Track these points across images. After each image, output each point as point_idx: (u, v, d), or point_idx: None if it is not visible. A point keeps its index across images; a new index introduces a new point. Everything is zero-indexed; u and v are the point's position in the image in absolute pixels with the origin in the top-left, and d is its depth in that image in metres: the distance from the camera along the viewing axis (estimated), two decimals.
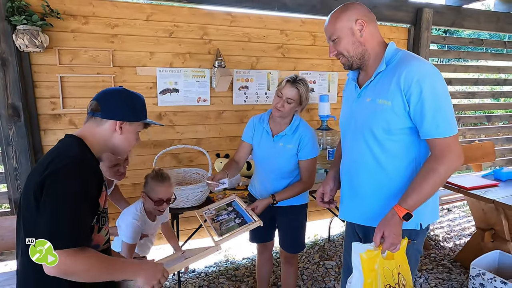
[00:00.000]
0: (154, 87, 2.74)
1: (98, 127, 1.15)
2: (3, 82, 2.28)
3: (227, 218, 1.82)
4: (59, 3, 2.39)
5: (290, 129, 1.91)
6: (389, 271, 1.24)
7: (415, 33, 3.58)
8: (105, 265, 1.03)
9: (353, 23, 1.30)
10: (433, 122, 1.20)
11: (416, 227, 1.35)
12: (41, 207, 0.97)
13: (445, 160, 1.20)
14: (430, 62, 1.30)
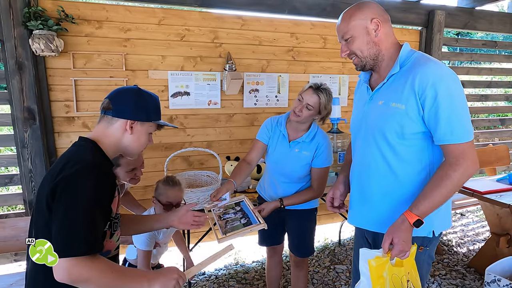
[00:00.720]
0: (165, 90, 2.76)
1: (109, 127, 1.14)
2: (19, 86, 2.33)
3: (234, 217, 1.82)
4: (73, 8, 2.44)
5: (308, 136, 1.90)
6: (398, 278, 1.21)
7: (427, 35, 3.55)
8: (117, 274, 1.01)
9: (368, 22, 1.26)
10: (448, 127, 1.17)
11: (429, 235, 1.31)
12: (53, 212, 0.97)
13: (460, 166, 1.16)
14: (445, 65, 1.26)
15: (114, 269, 1.01)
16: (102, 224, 1.03)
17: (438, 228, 1.33)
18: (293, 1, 2.96)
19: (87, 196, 0.97)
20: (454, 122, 1.17)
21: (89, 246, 0.95)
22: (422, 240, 1.31)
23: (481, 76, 4.36)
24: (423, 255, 1.34)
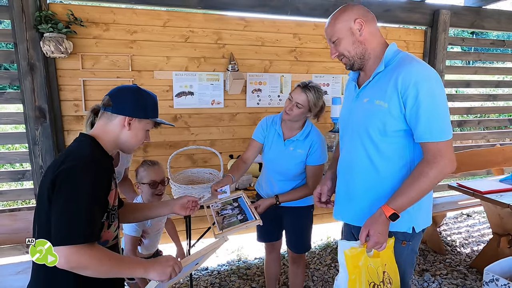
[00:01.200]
0: (170, 90, 2.85)
1: (109, 123, 1.20)
2: (31, 86, 2.45)
3: (231, 213, 1.88)
4: (82, 12, 2.55)
5: (302, 135, 1.95)
6: (373, 269, 1.26)
7: (431, 35, 3.53)
8: (114, 261, 1.07)
9: (352, 22, 1.31)
10: (427, 126, 1.21)
11: (409, 231, 1.35)
12: (53, 203, 1.03)
13: (436, 164, 1.20)
14: (429, 65, 1.29)
15: (111, 257, 1.07)
16: (99, 215, 1.10)
17: (418, 224, 1.37)
18: (296, 2, 3.01)
19: (84, 188, 1.03)
20: (433, 122, 1.20)
21: (87, 235, 1.01)
22: (403, 235, 1.35)
23: (490, 76, 4.29)
24: (405, 250, 1.38)
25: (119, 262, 1.10)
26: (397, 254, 1.35)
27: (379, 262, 1.27)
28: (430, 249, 3.26)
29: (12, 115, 2.61)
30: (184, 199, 1.54)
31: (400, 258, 1.36)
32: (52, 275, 1.09)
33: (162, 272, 1.14)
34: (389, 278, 1.29)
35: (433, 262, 3.05)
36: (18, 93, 2.52)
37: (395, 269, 1.31)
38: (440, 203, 3.29)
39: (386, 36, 3.43)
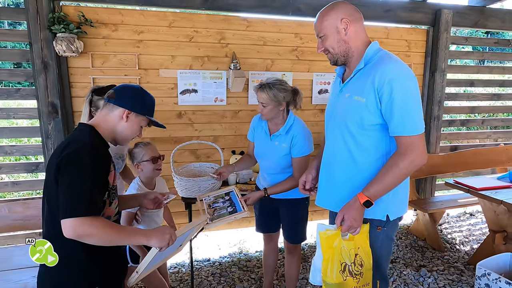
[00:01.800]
0: (175, 87, 2.98)
1: (109, 114, 1.34)
2: (45, 83, 2.61)
3: (221, 206, 2.01)
4: (92, 13, 2.70)
5: (284, 129, 2.04)
6: (346, 251, 1.36)
7: (433, 34, 3.57)
8: (116, 230, 1.21)
9: (338, 21, 1.38)
10: (400, 120, 1.29)
11: (383, 218, 1.44)
12: (59, 183, 1.17)
13: (407, 156, 1.29)
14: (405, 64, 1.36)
15: (113, 226, 1.21)
16: (100, 192, 1.23)
17: (392, 213, 1.45)
18: (297, 3, 3.10)
19: (85, 169, 1.17)
20: (405, 117, 1.29)
21: (90, 208, 1.15)
22: (379, 222, 1.45)
23: (494, 75, 4.28)
24: (381, 235, 1.47)
25: (122, 231, 1.24)
26: (372, 239, 1.45)
27: (352, 245, 1.37)
28: (429, 246, 3.30)
29: (27, 111, 2.78)
30: (152, 194, 1.68)
31: (375, 243, 1.46)
32: (60, 246, 1.22)
33: (162, 239, 1.27)
34: (361, 261, 1.38)
35: (430, 259, 3.09)
36: (32, 89, 2.69)
37: (368, 253, 1.40)
38: (439, 201, 3.33)
39: (388, 36, 3.48)
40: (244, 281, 2.78)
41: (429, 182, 3.81)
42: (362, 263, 1.39)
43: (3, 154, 2.77)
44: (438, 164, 3.53)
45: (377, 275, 1.51)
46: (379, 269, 1.52)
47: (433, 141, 3.71)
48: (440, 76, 3.60)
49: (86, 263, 1.26)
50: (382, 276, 1.55)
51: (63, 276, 1.25)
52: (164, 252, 1.46)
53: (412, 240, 3.43)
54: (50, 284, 1.26)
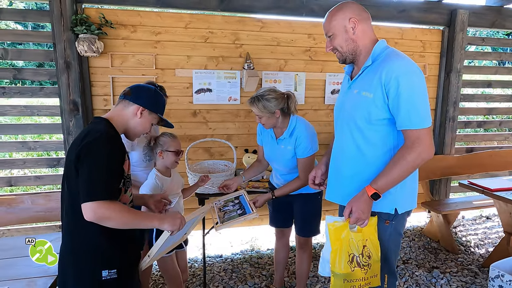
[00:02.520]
0: (190, 87, 3.06)
1: (125, 109, 1.43)
2: (67, 82, 2.73)
3: (231, 209, 2.10)
4: (113, 15, 2.81)
5: (287, 133, 2.10)
6: (354, 243, 1.40)
7: (449, 35, 3.54)
8: (133, 213, 1.31)
9: (346, 21, 1.43)
10: (407, 115, 1.33)
11: (391, 212, 1.46)
12: (80, 171, 1.25)
13: (414, 150, 1.32)
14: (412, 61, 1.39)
15: (129, 210, 1.31)
16: (117, 179, 1.31)
17: (401, 206, 1.47)
18: (311, 4, 3.14)
19: (104, 157, 1.26)
20: (412, 111, 1.32)
21: (108, 193, 1.24)
22: (387, 215, 1.47)
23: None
24: (389, 228, 1.49)
25: (137, 215, 1.35)
26: (381, 232, 1.48)
27: (360, 236, 1.40)
28: (442, 248, 3.26)
29: (50, 108, 2.91)
30: (158, 196, 1.77)
31: (384, 236, 1.48)
32: (80, 231, 1.30)
33: (174, 223, 1.38)
34: (369, 252, 1.41)
35: (444, 260, 3.06)
36: (55, 88, 2.82)
37: (376, 245, 1.43)
38: (454, 202, 3.29)
39: (402, 37, 3.48)
40: (255, 277, 2.82)
41: (444, 184, 3.77)
42: (370, 254, 1.42)
43: (27, 150, 2.91)
44: (453, 166, 3.49)
45: (385, 269, 1.53)
46: (387, 263, 1.54)
47: (448, 142, 3.68)
48: (455, 77, 3.57)
49: (105, 246, 1.33)
50: (391, 270, 1.57)
51: (83, 259, 1.32)
52: (173, 238, 1.54)
53: (425, 242, 3.40)
54: (71, 267, 1.33)
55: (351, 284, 1.42)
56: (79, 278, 1.33)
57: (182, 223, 1.42)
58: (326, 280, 2.79)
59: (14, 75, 2.76)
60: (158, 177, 2.03)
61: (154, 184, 1.98)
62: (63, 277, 1.37)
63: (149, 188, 1.98)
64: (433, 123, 3.74)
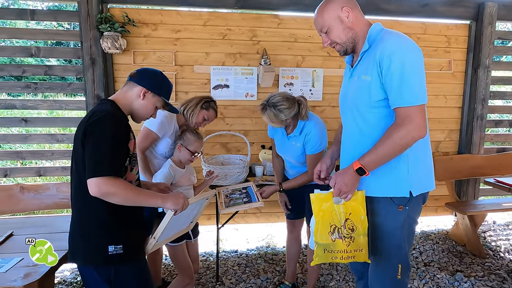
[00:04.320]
0: (208, 83, 3.13)
1: (129, 91, 1.47)
2: (92, 77, 2.88)
3: (238, 197, 2.13)
4: (135, 14, 2.95)
5: (297, 130, 2.12)
6: (336, 215, 1.42)
7: (476, 29, 3.39)
8: (136, 191, 1.35)
9: (339, 11, 1.41)
10: (398, 92, 1.30)
11: (406, 195, 1.41)
12: (85, 148, 1.31)
13: (403, 128, 1.29)
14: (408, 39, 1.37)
15: (133, 188, 1.35)
16: (122, 156, 1.36)
17: (416, 188, 1.42)
18: None
19: (108, 134, 1.30)
20: (403, 88, 1.29)
21: (113, 169, 1.28)
22: (401, 200, 1.42)
23: None
24: (402, 214, 1.44)
25: (141, 192, 1.39)
26: (393, 219, 1.44)
27: (343, 209, 1.42)
28: (468, 252, 3.09)
29: (77, 103, 3.08)
30: (162, 185, 1.79)
31: (396, 223, 1.44)
32: (87, 206, 1.36)
33: (176, 202, 1.42)
34: (352, 225, 1.42)
35: (469, 264, 2.89)
36: (81, 84, 2.98)
37: (363, 221, 1.43)
38: (481, 204, 3.11)
39: (425, 32, 3.37)
40: (268, 272, 2.81)
41: (472, 186, 3.58)
42: (354, 228, 1.43)
43: (55, 142, 3.08)
44: (481, 166, 3.31)
45: (397, 258, 1.48)
46: (400, 252, 1.48)
47: (476, 141, 3.49)
48: (483, 73, 3.40)
49: (111, 222, 1.38)
50: (404, 260, 1.50)
51: (91, 234, 1.38)
52: (178, 222, 1.56)
53: (450, 245, 3.23)
54: (80, 241, 1.39)
55: (332, 255, 1.45)
56: (87, 251, 1.38)
57: (185, 203, 1.45)
58: (341, 279, 2.72)
59: (45, 71, 2.96)
60: (172, 167, 2.08)
61: (167, 174, 2.03)
62: (73, 250, 1.43)
63: (163, 177, 2.03)
64: (459, 121, 3.57)
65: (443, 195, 3.53)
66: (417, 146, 1.36)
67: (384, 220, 1.47)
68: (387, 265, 1.50)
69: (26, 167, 3.35)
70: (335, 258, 1.46)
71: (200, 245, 3.18)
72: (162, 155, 2.19)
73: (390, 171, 1.40)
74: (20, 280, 1.35)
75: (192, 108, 2.16)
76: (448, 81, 3.47)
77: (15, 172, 3.10)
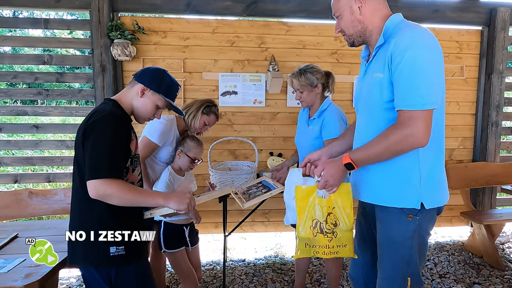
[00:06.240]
0: (216, 89, 3.14)
1: (130, 89, 1.46)
2: (102, 84, 2.92)
3: (256, 190, 2.04)
4: (145, 22, 2.99)
5: (318, 113, 2.10)
6: (319, 208, 1.39)
7: (489, 34, 3.34)
8: (136, 191, 1.31)
9: (352, 1, 1.33)
10: (403, 93, 1.20)
11: (416, 206, 1.30)
12: (85, 149, 1.29)
13: (401, 131, 1.19)
14: (429, 33, 1.22)
15: (132, 188, 1.31)
16: (123, 157, 1.33)
17: (428, 201, 1.30)
18: None
19: (107, 135, 1.28)
20: (409, 90, 1.18)
21: (111, 171, 1.26)
22: (411, 210, 1.31)
23: None
24: (412, 224, 1.32)
25: (140, 192, 1.35)
26: (401, 229, 1.33)
27: (325, 203, 1.40)
28: (486, 264, 2.95)
29: (86, 109, 3.11)
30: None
31: (405, 233, 1.33)
32: (89, 208, 1.33)
33: (180, 202, 1.36)
34: (335, 220, 1.39)
35: (487, 277, 2.76)
36: (92, 90, 3.02)
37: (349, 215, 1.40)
38: (498, 213, 2.99)
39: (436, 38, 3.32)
40: (276, 282, 2.73)
41: (488, 195, 3.45)
42: (337, 222, 1.39)
43: (65, 148, 3.11)
44: (497, 174, 3.20)
45: (406, 271, 1.36)
46: (410, 264, 1.36)
47: (491, 149, 3.39)
48: (497, 79, 3.33)
49: (112, 224, 1.35)
50: (414, 273, 1.37)
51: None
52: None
53: (466, 256, 3.10)
54: (80, 242, 1.35)
55: (313, 250, 1.42)
56: (87, 253, 1.35)
57: (191, 204, 1.39)
58: None
59: (56, 78, 3.01)
60: (172, 174, 2.06)
61: (166, 181, 2.01)
62: (72, 252, 1.40)
63: (164, 185, 2.01)
64: (473, 128, 3.48)
65: (458, 204, 3.41)
66: (430, 156, 1.28)
67: (392, 228, 1.36)
68: (394, 277, 1.37)
69: (36, 173, 3.38)
70: (316, 253, 1.43)
71: (207, 253, 3.16)
72: (164, 162, 2.17)
73: (402, 181, 1.31)
74: (21, 280, 1.33)
75: (194, 114, 2.15)
76: (460, 88, 3.39)
77: (25, 178, 3.13)
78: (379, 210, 1.39)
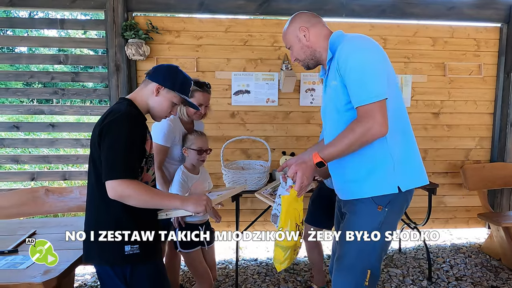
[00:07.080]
0: (229, 88, 3.13)
1: (144, 88, 1.45)
2: (116, 83, 2.95)
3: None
4: (159, 21, 3.01)
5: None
6: (297, 212, 1.41)
7: (508, 32, 3.25)
8: (153, 192, 1.31)
9: (297, 31, 1.49)
10: (356, 93, 1.32)
11: (394, 191, 1.38)
12: (101, 149, 1.29)
13: (363, 123, 1.29)
14: (366, 39, 1.41)
15: (150, 189, 1.32)
16: (138, 157, 1.34)
17: (404, 184, 1.39)
18: (351, 4, 3.09)
19: (123, 136, 1.28)
20: (359, 88, 1.31)
21: (128, 171, 1.26)
22: (381, 199, 1.39)
23: None
24: (380, 216, 1.40)
25: (157, 194, 1.35)
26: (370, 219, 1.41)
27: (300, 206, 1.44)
28: (504, 266, 2.88)
29: (101, 108, 3.15)
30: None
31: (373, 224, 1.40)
32: (105, 207, 1.35)
33: (197, 205, 1.36)
34: (302, 219, 1.46)
35: (506, 280, 2.69)
36: (106, 90, 3.05)
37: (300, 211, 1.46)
38: None
39: (452, 35, 3.26)
40: (289, 282, 2.72)
41: (506, 196, 3.37)
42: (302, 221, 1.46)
43: (80, 146, 3.16)
44: None
45: (368, 263, 1.42)
46: (372, 256, 1.42)
47: (510, 148, 3.30)
48: None
49: (128, 223, 1.35)
50: (374, 266, 1.44)
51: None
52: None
53: (484, 259, 3.03)
54: (96, 241, 1.36)
55: (296, 252, 1.48)
56: (102, 251, 1.36)
57: (208, 205, 1.39)
58: None
59: (72, 78, 3.05)
60: (184, 173, 2.06)
61: (181, 181, 2.01)
62: (87, 250, 1.41)
63: (179, 186, 2.01)
64: (491, 127, 3.40)
65: (475, 206, 3.35)
66: (398, 141, 1.38)
67: (359, 219, 1.44)
68: (355, 267, 1.43)
69: (52, 171, 3.44)
70: (296, 254, 1.49)
71: (219, 252, 3.16)
72: (178, 160, 2.18)
73: (375, 170, 1.39)
74: (40, 276, 1.34)
75: None
76: (478, 86, 3.31)
77: (42, 176, 3.19)
78: (350, 203, 1.48)
